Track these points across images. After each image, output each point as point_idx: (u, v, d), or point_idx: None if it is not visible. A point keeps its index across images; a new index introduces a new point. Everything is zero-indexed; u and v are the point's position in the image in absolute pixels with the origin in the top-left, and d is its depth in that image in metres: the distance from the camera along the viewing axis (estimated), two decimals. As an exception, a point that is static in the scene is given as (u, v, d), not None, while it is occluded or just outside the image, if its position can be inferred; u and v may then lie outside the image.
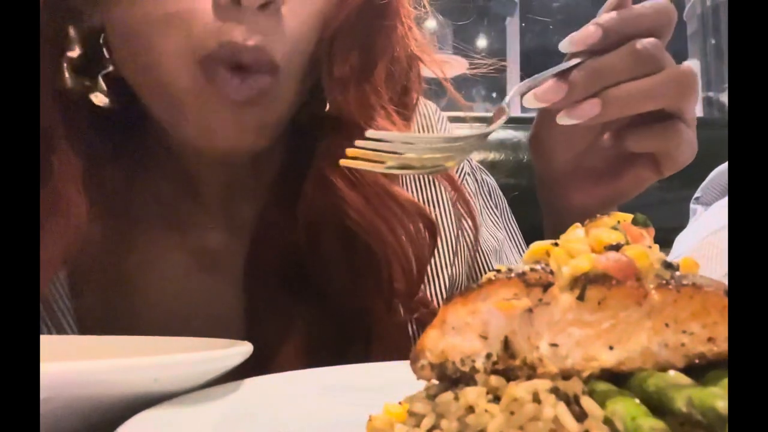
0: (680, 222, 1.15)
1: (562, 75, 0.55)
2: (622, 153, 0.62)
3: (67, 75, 0.65)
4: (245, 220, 0.71)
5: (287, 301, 0.67)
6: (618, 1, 0.57)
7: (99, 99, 0.69)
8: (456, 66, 0.74)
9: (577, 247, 0.34)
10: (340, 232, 0.64)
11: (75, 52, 0.66)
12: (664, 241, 0.57)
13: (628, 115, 0.57)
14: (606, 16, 0.56)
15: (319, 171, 0.64)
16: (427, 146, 0.49)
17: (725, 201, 1.09)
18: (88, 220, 0.60)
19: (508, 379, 0.33)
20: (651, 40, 0.55)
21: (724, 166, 1.15)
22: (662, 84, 0.55)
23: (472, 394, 0.33)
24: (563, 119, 0.55)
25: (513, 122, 1.36)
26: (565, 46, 0.56)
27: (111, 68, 0.68)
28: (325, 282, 0.66)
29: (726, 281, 0.32)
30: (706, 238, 1.01)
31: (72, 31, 0.64)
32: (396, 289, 0.64)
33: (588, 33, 0.55)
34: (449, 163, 0.51)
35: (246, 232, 0.70)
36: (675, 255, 1.06)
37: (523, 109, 0.74)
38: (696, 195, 1.17)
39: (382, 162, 0.48)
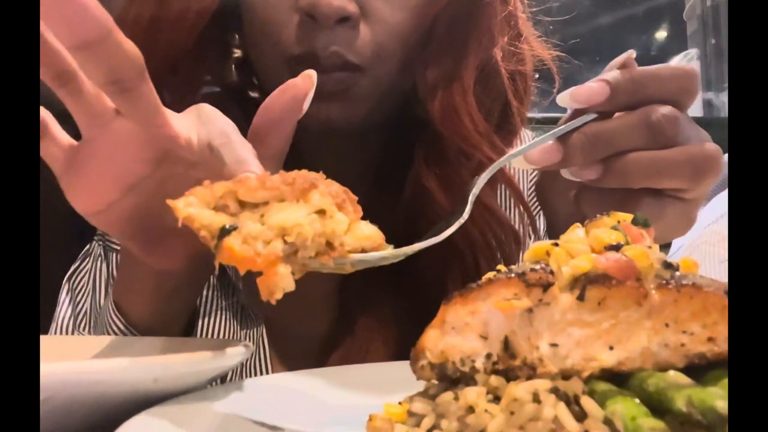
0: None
1: (562, 136, 0.48)
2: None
3: (234, 71, 0.75)
4: None
5: (379, 294, 0.69)
6: (626, 58, 0.50)
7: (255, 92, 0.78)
8: None
9: (577, 247, 0.34)
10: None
11: (239, 53, 0.75)
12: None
13: (633, 187, 0.50)
14: (615, 73, 0.49)
15: (416, 176, 0.68)
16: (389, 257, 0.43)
17: (724, 194, 1.10)
18: None
19: (508, 379, 0.33)
20: (668, 109, 0.47)
21: None
22: (677, 164, 0.47)
23: (472, 394, 0.33)
24: (565, 173, 0.51)
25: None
26: (564, 100, 0.49)
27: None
28: (417, 274, 0.68)
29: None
30: (708, 226, 1.03)
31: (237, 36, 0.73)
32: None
33: (593, 90, 0.48)
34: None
35: None
36: (677, 246, 1.07)
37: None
38: None
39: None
